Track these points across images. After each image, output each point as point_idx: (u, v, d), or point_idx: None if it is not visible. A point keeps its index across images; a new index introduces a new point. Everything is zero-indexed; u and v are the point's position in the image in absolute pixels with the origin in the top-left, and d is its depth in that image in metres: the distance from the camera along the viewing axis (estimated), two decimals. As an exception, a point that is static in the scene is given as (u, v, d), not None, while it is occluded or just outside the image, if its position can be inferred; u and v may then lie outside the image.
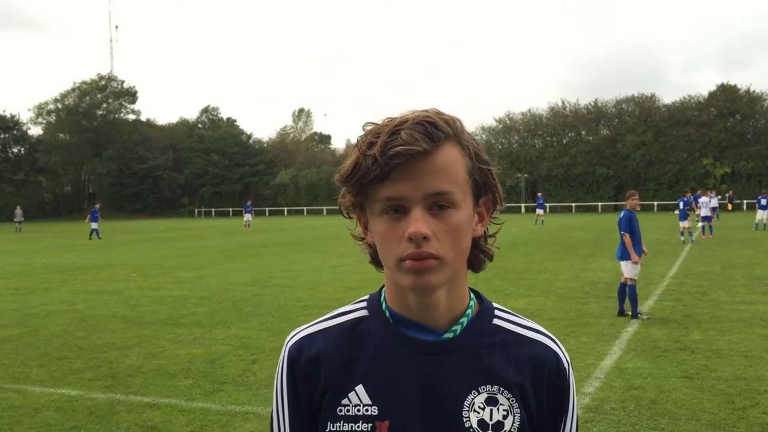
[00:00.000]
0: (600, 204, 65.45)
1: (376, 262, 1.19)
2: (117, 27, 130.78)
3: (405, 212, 1.07)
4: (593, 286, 12.95)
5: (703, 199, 26.04)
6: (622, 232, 10.08)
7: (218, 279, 15.59)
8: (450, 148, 1.09)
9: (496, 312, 1.23)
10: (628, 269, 9.99)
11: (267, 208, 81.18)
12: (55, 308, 11.74)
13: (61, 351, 8.36)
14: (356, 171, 1.09)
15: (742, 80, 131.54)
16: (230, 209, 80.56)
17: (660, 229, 30.66)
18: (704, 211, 25.52)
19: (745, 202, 57.37)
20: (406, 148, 1.04)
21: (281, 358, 1.22)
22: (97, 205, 39.61)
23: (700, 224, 25.85)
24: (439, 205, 1.07)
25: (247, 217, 42.93)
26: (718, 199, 34.10)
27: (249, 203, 45.51)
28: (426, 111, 1.11)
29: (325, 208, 78.18)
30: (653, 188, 66.39)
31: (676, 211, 24.65)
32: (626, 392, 6.16)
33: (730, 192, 54.42)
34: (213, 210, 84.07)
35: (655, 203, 63.35)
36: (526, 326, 1.22)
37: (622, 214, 10.30)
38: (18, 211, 49.01)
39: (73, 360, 7.86)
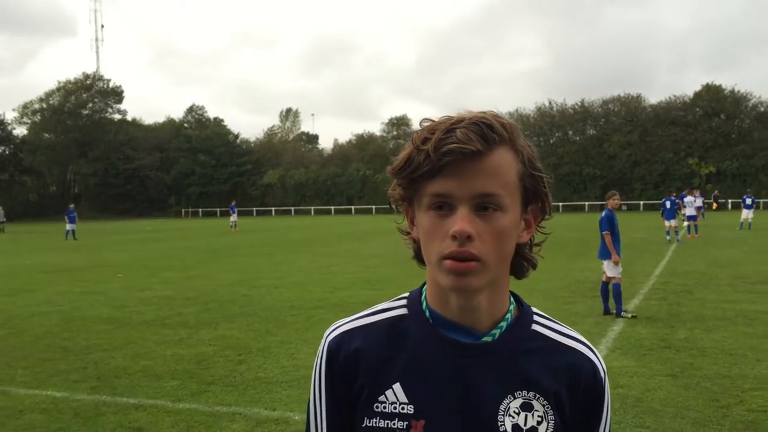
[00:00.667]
0: (587, 203, 65.78)
1: (419, 257, 1.20)
2: (102, 26, 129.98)
3: (451, 210, 1.08)
4: (579, 285, 13.01)
5: (688, 199, 26.23)
6: (603, 232, 10.14)
7: (205, 279, 15.52)
8: (504, 151, 1.10)
9: (535, 317, 1.23)
10: (609, 269, 10.05)
11: (254, 209, 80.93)
12: (40, 309, 11.65)
13: (46, 352, 8.30)
14: (408, 164, 1.10)
15: (727, 80, 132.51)
16: (217, 209, 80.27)
17: (646, 229, 30.85)
18: (689, 211, 25.71)
19: (729, 201, 57.85)
20: (459, 146, 1.05)
21: (320, 351, 1.23)
22: (71, 206, 38.73)
23: (685, 223, 26.04)
24: (485, 206, 1.08)
25: (233, 217, 42.72)
26: (703, 200, 34.31)
27: (233, 204, 45.22)
28: (484, 113, 1.11)
29: (312, 208, 78.10)
30: (639, 188, 66.85)
31: (661, 210, 24.82)
32: (612, 390, 6.16)
33: (716, 191, 54.82)
34: (200, 210, 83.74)
35: (641, 203, 63.81)
36: (565, 333, 1.23)
37: (603, 213, 10.36)
38: (0, 210, 48.42)
39: (58, 361, 7.81)
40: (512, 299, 1.22)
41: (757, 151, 62.78)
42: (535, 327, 1.22)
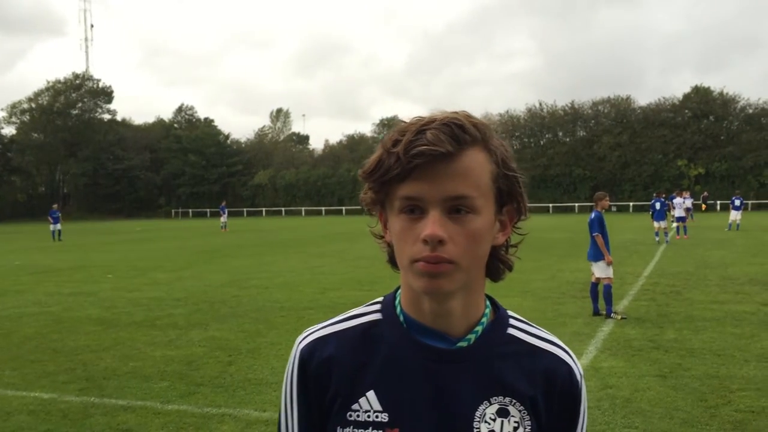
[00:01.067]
0: (577, 205, 65.99)
1: (393, 262, 1.17)
2: (92, 26, 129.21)
3: (423, 213, 1.06)
4: (570, 286, 13.05)
5: (677, 200, 26.37)
6: (594, 233, 10.12)
7: (195, 280, 15.47)
8: (476, 152, 1.07)
9: (511, 321, 1.21)
10: (601, 270, 10.06)
11: (245, 209, 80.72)
12: (29, 310, 11.59)
13: (35, 353, 8.25)
14: (379, 167, 1.08)
15: (716, 82, 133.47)
16: (208, 210, 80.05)
17: (635, 230, 30.99)
18: (678, 212, 25.84)
19: (718, 202, 58.19)
20: (429, 148, 1.03)
21: (292, 358, 1.20)
22: (54, 206, 38.08)
23: (674, 224, 26.17)
24: (457, 209, 1.05)
25: (223, 218, 42.55)
26: (692, 201, 34.51)
27: (223, 204, 44.99)
28: (456, 113, 1.09)
29: (303, 208, 77.98)
30: (629, 189, 67.14)
31: (651, 211, 24.95)
32: (601, 391, 6.21)
33: (705, 193, 55.13)
34: (190, 211, 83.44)
35: (631, 204, 64.06)
36: (541, 337, 1.21)
37: (593, 215, 10.31)
38: None
39: (47, 363, 7.76)
40: (488, 303, 1.20)
41: (746, 153, 63.19)
42: (510, 331, 1.20)
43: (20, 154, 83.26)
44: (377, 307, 1.22)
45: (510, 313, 1.23)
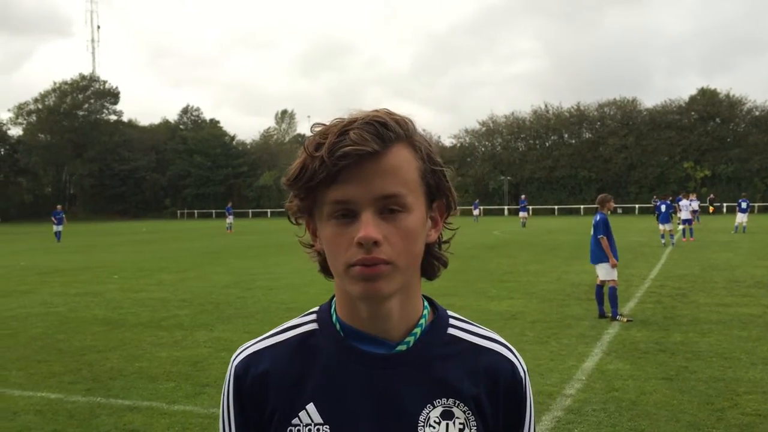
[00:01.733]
0: (582, 207, 65.89)
1: (325, 270, 1.14)
2: (99, 27, 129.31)
3: (354, 216, 1.03)
4: (575, 288, 13.02)
5: (683, 202, 26.30)
6: (600, 236, 10.08)
7: (200, 281, 15.50)
8: (401, 149, 1.05)
9: (451, 321, 1.19)
10: (605, 272, 10.03)
11: (250, 210, 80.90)
12: (35, 310, 11.62)
13: (41, 354, 8.27)
14: (303, 173, 1.04)
15: (722, 84, 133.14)
16: (213, 211, 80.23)
17: (641, 232, 30.91)
18: (685, 214, 25.77)
19: (725, 205, 58.03)
20: (354, 149, 1.00)
21: (227, 377, 1.17)
22: (59, 207, 37.79)
23: (680, 227, 26.11)
24: (389, 208, 1.03)
25: (229, 219, 42.59)
26: (699, 204, 34.42)
27: (229, 205, 45.01)
28: (377, 111, 1.06)
29: (308, 210, 78.09)
30: (635, 191, 67.05)
31: (656, 213, 24.88)
32: (607, 394, 6.20)
33: (711, 195, 55.03)
34: (196, 212, 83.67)
35: (637, 206, 63.93)
36: (482, 335, 1.18)
37: (598, 217, 10.26)
38: None
39: (53, 363, 7.79)
40: (426, 303, 1.17)
41: (752, 155, 63.08)
42: (451, 331, 1.17)
43: (27, 154, 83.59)
44: (313, 317, 1.19)
45: (450, 312, 1.21)
